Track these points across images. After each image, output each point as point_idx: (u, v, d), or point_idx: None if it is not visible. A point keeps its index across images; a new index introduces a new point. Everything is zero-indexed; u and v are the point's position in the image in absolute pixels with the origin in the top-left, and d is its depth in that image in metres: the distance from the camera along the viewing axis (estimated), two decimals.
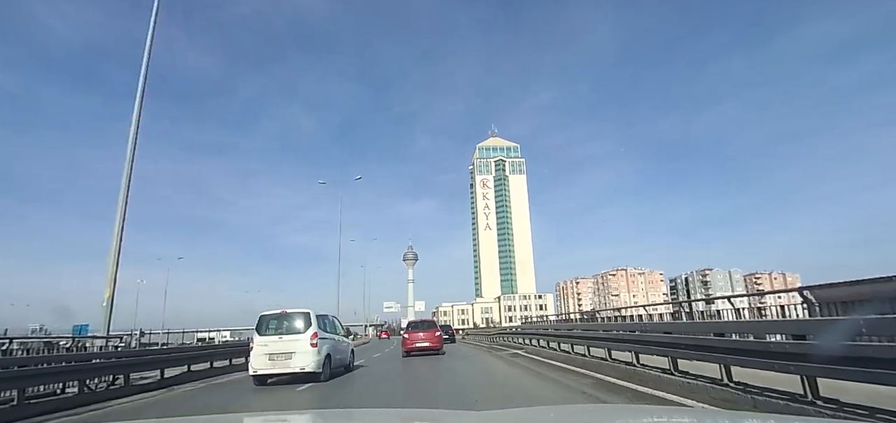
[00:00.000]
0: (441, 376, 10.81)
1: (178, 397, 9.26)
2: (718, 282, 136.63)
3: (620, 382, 7.50)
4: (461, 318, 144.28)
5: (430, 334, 18.01)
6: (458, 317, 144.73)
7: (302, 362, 9.47)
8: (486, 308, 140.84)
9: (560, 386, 7.81)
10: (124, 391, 9.49)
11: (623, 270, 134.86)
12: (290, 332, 9.87)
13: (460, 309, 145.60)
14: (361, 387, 9.22)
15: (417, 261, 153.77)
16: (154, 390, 10.03)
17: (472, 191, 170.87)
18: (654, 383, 7.02)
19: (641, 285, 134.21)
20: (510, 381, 9.40)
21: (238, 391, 9.45)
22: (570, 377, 8.86)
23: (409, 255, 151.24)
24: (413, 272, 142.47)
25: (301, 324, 9.96)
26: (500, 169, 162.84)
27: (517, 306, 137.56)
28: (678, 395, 5.87)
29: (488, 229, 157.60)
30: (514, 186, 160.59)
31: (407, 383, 9.99)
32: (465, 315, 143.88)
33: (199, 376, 12.12)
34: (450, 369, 12.33)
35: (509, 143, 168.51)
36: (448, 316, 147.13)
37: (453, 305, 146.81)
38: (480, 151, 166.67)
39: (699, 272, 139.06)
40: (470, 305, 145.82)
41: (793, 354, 4.52)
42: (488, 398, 7.06)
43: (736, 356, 5.53)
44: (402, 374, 11.72)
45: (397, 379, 10.56)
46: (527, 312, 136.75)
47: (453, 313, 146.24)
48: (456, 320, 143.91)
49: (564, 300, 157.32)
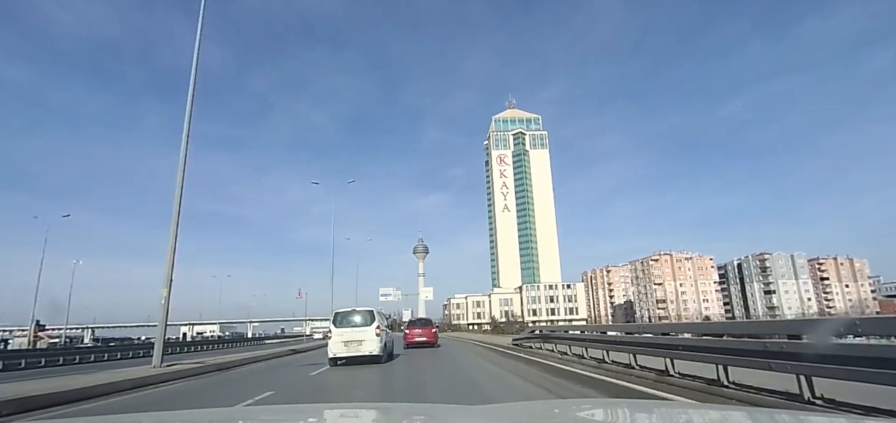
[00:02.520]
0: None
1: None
2: (780, 268, 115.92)
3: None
4: (476, 312, 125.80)
5: (426, 330, 21.78)
6: (472, 311, 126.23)
7: (370, 348, 12.20)
8: (505, 300, 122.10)
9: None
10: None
11: (667, 255, 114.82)
12: (360, 325, 12.60)
13: (475, 302, 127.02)
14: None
15: (428, 254, 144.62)
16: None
17: (487, 169, 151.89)
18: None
19: (689, 272, 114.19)
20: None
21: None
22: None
23: (419, 248, 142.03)
24: (423, 266, 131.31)
25: (368, 318, 12.76)
26: (520, 143, 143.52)
27: (542, 297, 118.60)
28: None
29: (506, 211, 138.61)
30: (536, 162, 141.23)
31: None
32: (481, 308, 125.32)
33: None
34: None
35: (529, 114, 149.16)
36: (461, 309, 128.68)
37: (467, 297, 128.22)
38: (497, 124, 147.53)
39: (756, 257, 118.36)
40: (487, 297, 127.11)
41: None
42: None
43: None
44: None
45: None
46: (553, 303, 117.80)
47: (467, 306, 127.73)
48: (471, 314, 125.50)
49: (593, 292, 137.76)
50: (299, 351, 24.82)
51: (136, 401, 7.56)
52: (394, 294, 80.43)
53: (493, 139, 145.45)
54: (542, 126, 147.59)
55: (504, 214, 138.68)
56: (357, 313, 12.92)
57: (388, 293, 79.82)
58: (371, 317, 12.75)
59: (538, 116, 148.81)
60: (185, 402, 7.42)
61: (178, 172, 13.10)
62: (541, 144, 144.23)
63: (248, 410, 4.68)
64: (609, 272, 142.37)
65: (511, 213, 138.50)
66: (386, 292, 79.54)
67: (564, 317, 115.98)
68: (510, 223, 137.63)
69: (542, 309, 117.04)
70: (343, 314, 12.97)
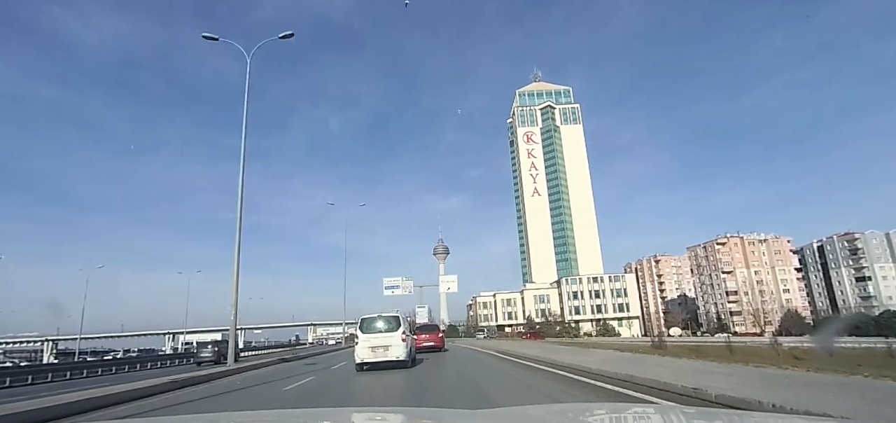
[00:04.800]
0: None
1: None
2: (874, 250, 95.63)
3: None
4: (507, 311, 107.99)
5: (433, 335, 22.43)
6: (502, 311, 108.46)
7: (396, 353, 12.18)
8: (540, 296, 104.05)
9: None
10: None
11: (736, 237, 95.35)
12: (386, 330, 12.56)
13: (505, 300, 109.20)
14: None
15: (449, 255, 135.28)
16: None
17: (512, 150, 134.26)
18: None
19: (764, 256, 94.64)
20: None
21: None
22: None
23: (439, 249, 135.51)
24: (444, 267, 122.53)
25: (394, 324, 12.73)
26: (549, 118, 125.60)
27: (585, 292, 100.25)
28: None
29: (537, 195, 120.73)
30: (568, 138, 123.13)
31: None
32: (512, 307, 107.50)
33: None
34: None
35: (558, 86, 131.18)
36: (489, 310, 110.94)
37: (495, 294, 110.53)
38: (521, 99, 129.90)
39: (842, 238, 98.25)
40: (519, 294, 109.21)
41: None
42: None
43: None
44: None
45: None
46: (598, 299, 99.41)
47: (496, 305, 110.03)
48: (500, 314, 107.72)
49: (641, 286, 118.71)
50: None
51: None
52: (403, 286, 62.64)
53: (518, 116, 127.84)
54: (573, 99, 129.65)
55: (534, 199, 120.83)
56: (383, 319, 13.00)
57: (394, 286, 62.08)
58: (397, 323, 12.87)
59: (568, 88, 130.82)
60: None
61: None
62: (573, 119, 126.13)
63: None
64: (658, 263, 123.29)
65: (542, 197, 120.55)
66: (392, 283, 61.96)
67: (613, 315, 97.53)
68: (541, 209, 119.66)
69: (587, 306, 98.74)
70: (369, 320, 13.05)
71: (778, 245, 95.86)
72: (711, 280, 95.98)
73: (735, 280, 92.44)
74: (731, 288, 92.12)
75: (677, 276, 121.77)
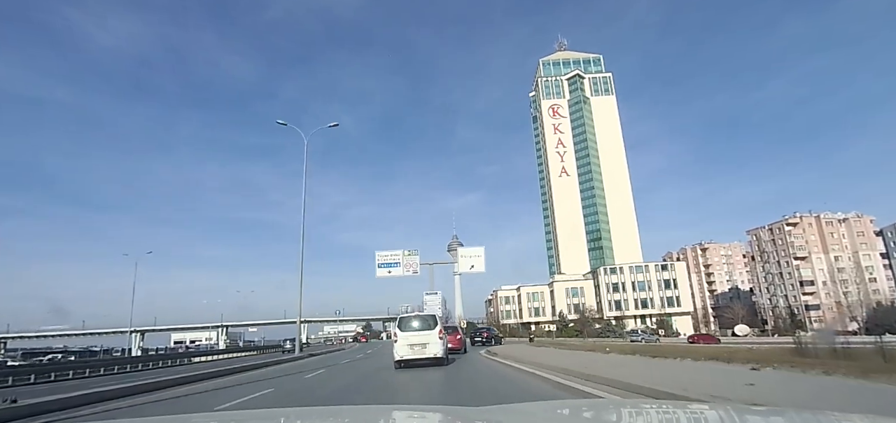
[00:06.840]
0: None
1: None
2: None
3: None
4: (533, 307, 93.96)
5: (452, 337, 19.63)
6: (527, 306, 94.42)
7: (434, 350, 12.50)
8: (572, 290, 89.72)
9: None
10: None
11: (810, 217, 79.91)
12: (423, 329, 12.96)
13: (530, 293, 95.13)
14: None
15: (463, 248, 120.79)
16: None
17: (535, 126, 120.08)
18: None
19: (844, 239, 79.16)
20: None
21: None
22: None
23: (453, 245, 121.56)
24: (460, 263, 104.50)
25: (431, 323, 13.23)
26: (577, 88, 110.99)
27: (626, 283, 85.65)
28: None
29: (565, 175, 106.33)
30: (600, 111, 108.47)
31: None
32: (539, 302, 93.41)
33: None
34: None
35: (587, 54, 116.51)
36: (511, 305, 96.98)
37: (520, 287, 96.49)
38: (545, 68, 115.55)
39: None
40: (547, 287, 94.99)
41: None
42: None
43: None
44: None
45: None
46: (643, 292, 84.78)
47: (520, 300, 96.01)
48: (525, 310, 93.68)
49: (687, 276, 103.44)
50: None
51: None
52: (404, 263, 48.41)
53: (542, 87, 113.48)
54: (603, 68, 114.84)
55: (562, 179, 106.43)
56: (420, 318, 13.86)
57: (392, 264, 47.84)
58: (434, 321, 13.30)
59: (599, 56, 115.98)
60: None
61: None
62: (604, 89, 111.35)
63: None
64: (705, 251, 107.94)
65: (571, 178, 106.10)
66: (388, 258, 47.84)
67: (661, 311, 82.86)
68: (571, 191, 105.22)
69: (629, 300, 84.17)
70: (407, 319, 13.65)
71: (860, 226, 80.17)
72: (780, 269, 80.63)
73: (811, 268, 77.03)
74: (806, 277, 76.73)
75: (727, 266, 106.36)
